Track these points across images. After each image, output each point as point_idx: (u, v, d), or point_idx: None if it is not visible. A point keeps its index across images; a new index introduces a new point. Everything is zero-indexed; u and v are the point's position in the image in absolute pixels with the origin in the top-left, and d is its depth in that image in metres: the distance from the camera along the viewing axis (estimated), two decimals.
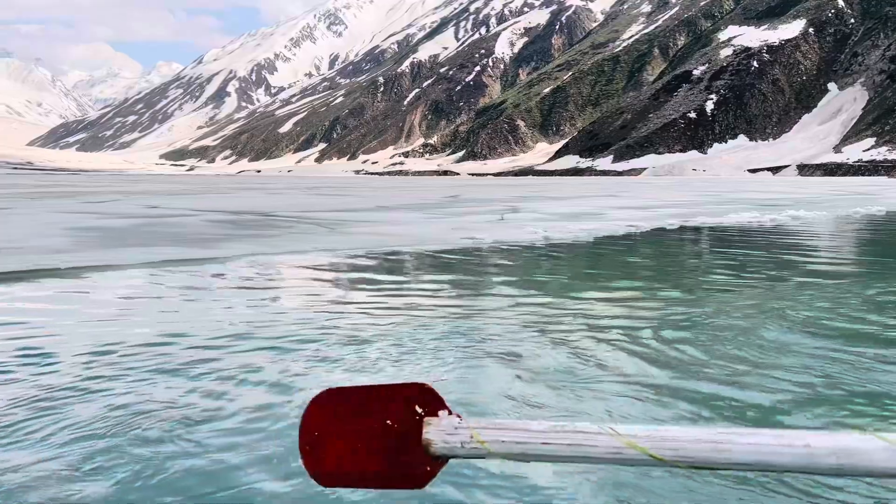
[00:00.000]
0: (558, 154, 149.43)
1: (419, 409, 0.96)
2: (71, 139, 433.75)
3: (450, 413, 0.95)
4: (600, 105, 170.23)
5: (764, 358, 3.72)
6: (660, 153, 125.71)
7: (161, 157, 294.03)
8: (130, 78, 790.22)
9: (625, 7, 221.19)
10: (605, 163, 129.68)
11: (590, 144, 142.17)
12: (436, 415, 0.95)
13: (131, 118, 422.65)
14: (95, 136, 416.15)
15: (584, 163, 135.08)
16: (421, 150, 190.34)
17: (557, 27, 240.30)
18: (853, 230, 13.74)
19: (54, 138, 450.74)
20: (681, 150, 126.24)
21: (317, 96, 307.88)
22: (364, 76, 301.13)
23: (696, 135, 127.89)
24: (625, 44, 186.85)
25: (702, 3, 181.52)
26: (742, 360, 3.64)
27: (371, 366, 3.63)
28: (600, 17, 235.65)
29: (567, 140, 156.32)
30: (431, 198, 25.73)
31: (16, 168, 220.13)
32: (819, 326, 4.57)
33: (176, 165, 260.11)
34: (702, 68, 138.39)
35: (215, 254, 7.82)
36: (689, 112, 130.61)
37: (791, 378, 3.32)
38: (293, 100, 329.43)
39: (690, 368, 3.54)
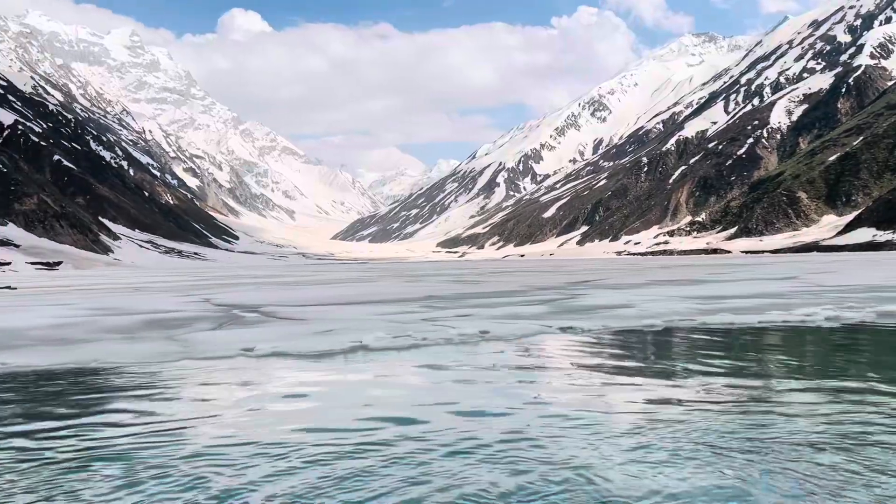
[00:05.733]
0: (850, 227, 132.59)
1: None
2: (365, 232, 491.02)
3: None
4: None
5: None
6: None
7: (438, 244, 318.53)
8: (414, 176, 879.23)
9: None
10: None
11: (890, 215, 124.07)
12: None
13: (414, 211, 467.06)
14: (384, 229, 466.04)
15: (883, 235, 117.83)
16: (688, 229, 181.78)
17: (844, 90, 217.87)
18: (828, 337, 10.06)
19: (352, 232, 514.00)
20: None
21: (580, 181, 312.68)
22: (627, 158, 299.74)
23: None
24: None
25: None
26: None
27: None
28: None
29: (860, 211, 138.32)
30: (551, 283, 24.19)
31: (320, 259, 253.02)
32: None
33: (450, 252, 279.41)
34: None
35: None
36: None
37: None
38: (557, 186, 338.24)
39: None
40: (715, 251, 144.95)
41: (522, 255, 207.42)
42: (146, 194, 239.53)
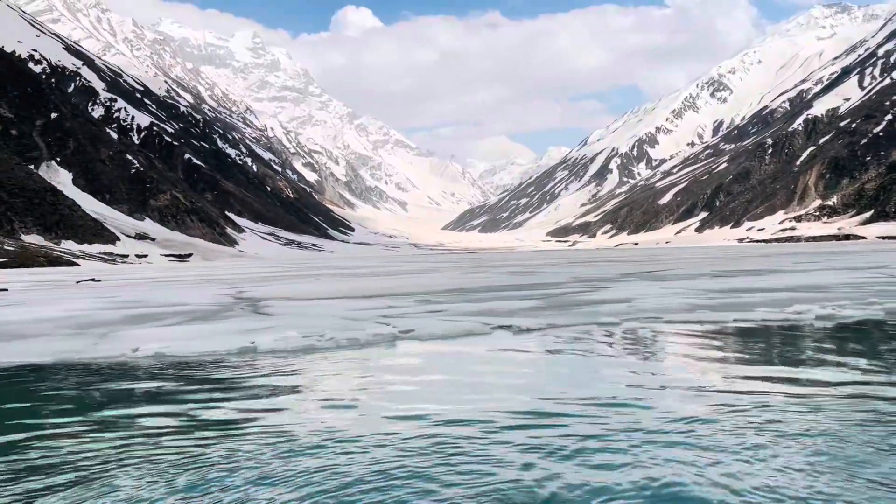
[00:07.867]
0: None
1: None
2: (475, 222, 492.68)
3: None
4: None
5: None
6: None
7: (548, 234, 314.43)
8: (524, 164, 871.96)
9: None
10: None
11: None
12: None
13: (523, 200, 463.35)
14: (494, 219, 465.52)
15: None
16: (817, 213, 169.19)
17: None
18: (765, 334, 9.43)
19: (462, 222, 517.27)
20: None
21: (698, 165, 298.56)
22: (750, 139, 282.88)
23: None
24: None
25: None
26: None
27: None
28: None
29: None
30: (601, 275, 23.30)
31: (431, 249, 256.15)
32: None
33: (560, 241, 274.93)
34: None
35: None
36: None
37: None
38: (674, 171, 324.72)
39: None
40: (847, 237, 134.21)
41: (636, 244, 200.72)
42: (268, 189, 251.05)
